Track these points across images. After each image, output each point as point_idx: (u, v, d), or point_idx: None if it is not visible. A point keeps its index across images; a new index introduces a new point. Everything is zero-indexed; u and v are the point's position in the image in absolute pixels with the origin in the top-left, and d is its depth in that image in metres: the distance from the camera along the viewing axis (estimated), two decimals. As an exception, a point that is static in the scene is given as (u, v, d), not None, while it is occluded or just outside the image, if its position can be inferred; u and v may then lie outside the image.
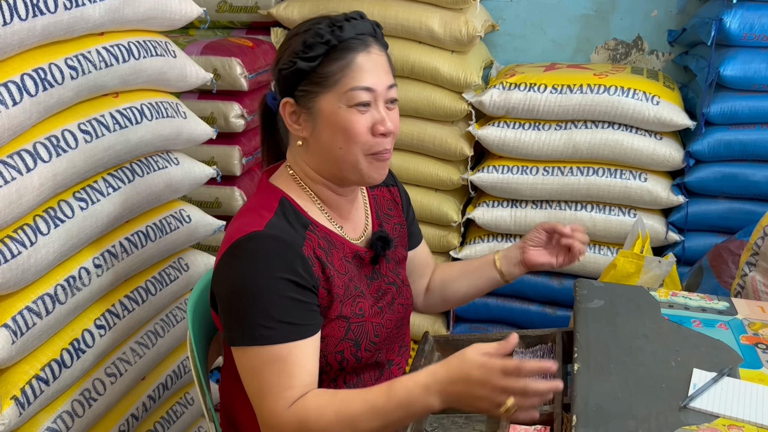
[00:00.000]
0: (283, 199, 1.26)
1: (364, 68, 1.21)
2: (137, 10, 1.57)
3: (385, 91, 1.23)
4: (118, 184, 1.56)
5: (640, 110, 2.26)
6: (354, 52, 1.21)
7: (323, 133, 1.23)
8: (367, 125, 1.21)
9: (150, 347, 1.67)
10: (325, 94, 1.21)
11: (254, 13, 2.62)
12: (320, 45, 1.20)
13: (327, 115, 1.22)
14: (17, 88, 1.29)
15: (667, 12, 2.58)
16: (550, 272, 2.50)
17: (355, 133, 1.21)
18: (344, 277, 1.27)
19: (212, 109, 2.40)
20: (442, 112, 2.43)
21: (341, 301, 1.26)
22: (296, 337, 1.15)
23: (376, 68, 1.22)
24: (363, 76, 1.20)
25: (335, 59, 1.20)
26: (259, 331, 1.14)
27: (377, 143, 1.23)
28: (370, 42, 1.23)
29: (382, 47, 1.26)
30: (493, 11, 2.69)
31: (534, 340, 1.49)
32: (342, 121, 1.21)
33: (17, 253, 1.29)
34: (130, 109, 1.59)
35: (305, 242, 1.22)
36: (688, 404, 1.10)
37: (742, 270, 1.77)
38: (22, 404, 1.31)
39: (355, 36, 1.21)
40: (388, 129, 1.22)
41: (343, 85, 1.20)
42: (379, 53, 1.24)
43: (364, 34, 1.23)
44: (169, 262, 1.76)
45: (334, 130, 1.22)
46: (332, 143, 1.23)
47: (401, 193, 1.50)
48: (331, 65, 1.20)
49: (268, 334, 1.14)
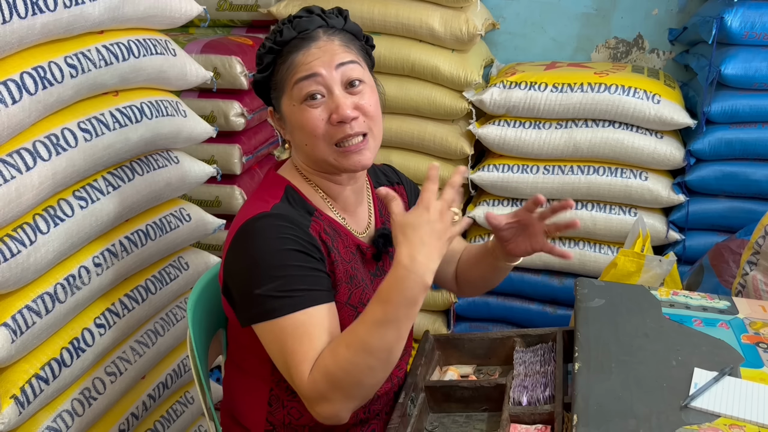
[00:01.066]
0: (288, 188, 1.28)
1: (304, 61, 1.22)
2: (137, 8, 1.56)
3: (333, 72, 1.21)
4: (118, 183, 1.56)
5: (640, 109, 2.26)
6: (296, 51, 1.23)
7: (293, 134, 1.27)
8: (322, 117, 1.21)
9: (150, 346, 1.67)
10: (283, 98, 1.26)
11: (254, 11, 2.62)
12: (266, 54, 1.26)
13: (289, 117, 1.26)
14: (17, 87, 1.29)
15: (668, 10, 2.58)
16: (550, 271, 2.50)
17: (310, 127, 1.22)
18: (348, 264, 1.27)
19: (212, 108, 2.40)
20: (442, 111, 2.43)
21: (348, 288, 1.26)
22: (311, 302, 1.15)
23: (320, 55, 1.22)
24: (303, 67, 1.22)
25: (281, 63, 1.24)
26: (274, 303, 1.14)
27: (338, 130, 1.22)
28: (316, 36, 1.23)
29: (334, 34, 1.25)
30: (494, 10, 2.69)
31: (534, 339, 1.49)
32: (297, 119, 1.23)
33: (17, 251, 1.29)
34: (129, 107, 1.59)
35: (311, 225, 1.23)
36: (689, 403, 1.09)
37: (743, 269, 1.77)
38: (21, 403, 1.30)
39: (297, 36, 1.23)
40: (344, 116, 1.20)
41: (290, 83, 1.23)
42: (328, 41, 1.23)
43: (307, 30, 1.23)
44: (169, 261, 1.76)
45: (296, 129, 1.25)
46: (300, 142, 1.26)
47: (408, 191, 1.50)
48: (279, 70, 1.25)
49: (284, 304, 1.14)
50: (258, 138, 2.56)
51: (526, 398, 1.28)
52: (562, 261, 2.44)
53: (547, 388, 1.29)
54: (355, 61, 1.25)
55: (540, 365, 1.38)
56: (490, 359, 1.51)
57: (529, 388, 1.30)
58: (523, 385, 1.32)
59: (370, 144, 1.25)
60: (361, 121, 1.23)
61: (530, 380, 1.33)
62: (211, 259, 1.91)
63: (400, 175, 1.53)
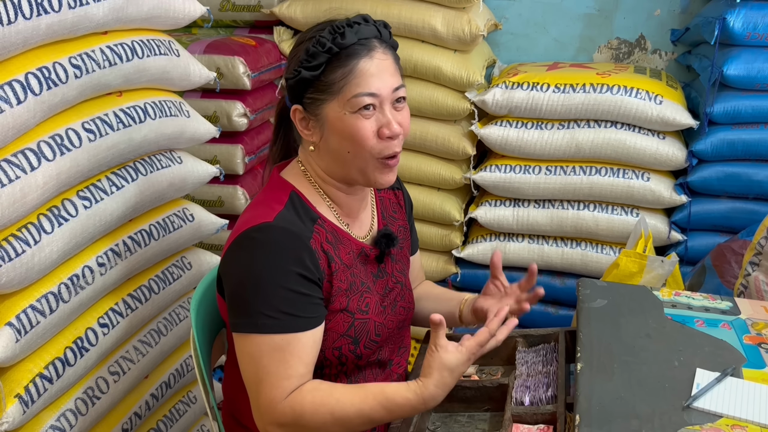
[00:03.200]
0: (293, 193, 1.28)
1: (367, 73, 1.21)
2: (141, 9, 1.57)
3: (390, 93, 1.23)
4: (122, 183, 1.57)
5: (643, 110, 2.26)
6: (356, 58, 1.20)
7: (331, 138, 1.24)
8: (373, 129, 1.22)
9: (153, 346, 1.67)
10: (330, 102, 1.22)
11: (257, 11, 2.62)
12: (322, 53, 1.20)
13: (333, 122, 1.23)
14: (21, 87, 1.29)
15: (670, 11, 2.58)
16: (552, 271, 2.50)
17: (361, 137, 1.21)
18: (349, 271, 1.28)
19: (215, 108, 2.40)
20: (444, 111, 2.43)
21: (346, 295, 1.27)
22: (297, 328, 1.18)
23: (379, 72, 1.21)
24: (366, 81, 1.20)
25: (338, 66, 1.21)
26: (262, 319, 1.16)
27: (386, 147, 1.23)
28: (373, 45, 1.23)
29: (387, 48, 1.25)
30: (496, 10, 2.69)
31: (537, 340, 1.49)
32: (348, 127, 1.21)
33: (21, 251, 1.29)
34: (133, 107, 1.60)
35: (313, 235, 1.24)
36: (691, 404, 1.10)
37: (745, 270, 1.77)
38: (25, 402, 1.31)
39: (357, 42, 1.21)
40: (395, 132, 1.22)
41: (347, 92, 1.20)
42: (384, 56, 1.24)
43: (368, 38, 1.22)
44: (172, 261, 1.77)
45: (341, 135, 1.23)
46: (341, 148, 1.24)
47: (405, 198, 1.51)
48: (335, 73, 1.21)
49: (271, 323, 1.16)
50: (261, 138, 2.57)
51: (528, 398, 1.28)
52: (564, 261, 2.45)
53: (549, 388, 1.29)
54: (404, 85, 1.27)
55: (542, 365, 1.38)
56: (492, 359, 1.51)
57: (531, 388, 1.30)
58: (526, 385, 1.32)
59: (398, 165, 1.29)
60: (401, 138, 1.26)
61: (533, 380, 1.33)
62: (214, 259, 1.91)
63: (400, 182, 1.53)
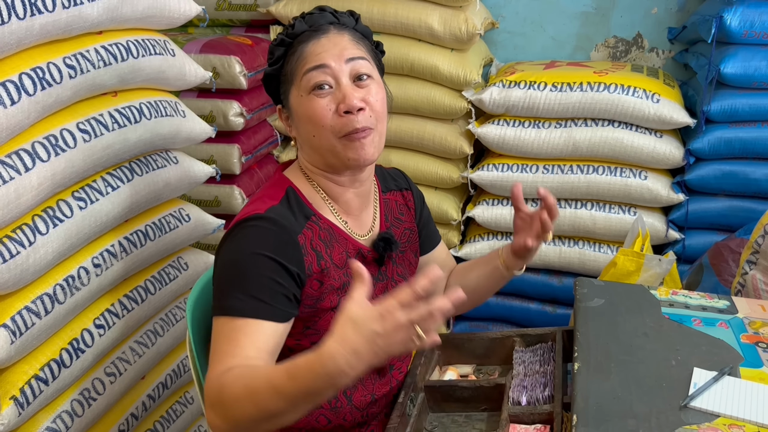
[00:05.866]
0: (289, 189, 1.28)
1: (314, 51, 1.23)
2: (136, 8, 1.56)
3: (343, 64, 1.22)
4: (117, 184, 1.56)
5: (640, 108, 2.26)
6: (306, 41, 1.24)
7: (300, 126, 1.27)
8: (330, 107, 1.21)
9: (149, 346, 1.67)
10: (291, 89, 1.26)
11: (253, 11, 2.62)
12: (277, 47, 1.27)
13: (296, 109, 1.26)
14: (15, 88, 1.28)
15: (668, 9, 2.58)
16: (549, 270, 2.50)
17: (318, 116, 1.21)
18: (342, 271, 1.26)
19: (211, 108, 2.40)
20: (441, 110, 2.43)
21: (338, 294, 1.25)
22: (261, 315, 1.13)
23: (330, 47, 1.23)
24: (314, 57, 1.23)
25: (291, 54, 1.26)
26: (230, 302, 1.14)
27: (346, 123, 1.21)
28: (326, 29, 1.25)
29: (343, 29, 1.27)
30: (493, 9, 2.69)
31: (534, 339, 1.49)
32: (305, 109, 1.23)
33: (16, 253, 1.29)
34: (128, 108, 1.59)
35: (303, 231, 1.23)
36: (688, 403, 1.09)
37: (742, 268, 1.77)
38: (21, 404, 1.30)
39: (307, 29, 1.25)
40: (351, 106, 1.20)
41: (299, 74, 1.24)
42: (338, 34, 1.25)
43: (321, 24, 1.25)
44: (168, 261, 1.76)
45: (302, 120, 1.25)
46: (306, 133, 1.25)
47: (415, 197, 1.49)
48: (290, 61, 1.26)
49: (237, 306, 1.13)
50: (257, 138, 2.56)
51: (525, 398, 1.28)
52: (561, 260, 2.44)
53: (546, 387, 1.29)
54: (365, 57, 1.25)
55: (539, 365, 1.38)
56: (489, 359, 1.51)
57: (528, 387, 1.30)
58: (523, 384, 1.32)
59: (375, 140, 1.24)
60: (367, 115, 1.22)
61: (530, 380, 1.33)
62: (211, 259, 1.91)
63: (410, 181, 1.51)
